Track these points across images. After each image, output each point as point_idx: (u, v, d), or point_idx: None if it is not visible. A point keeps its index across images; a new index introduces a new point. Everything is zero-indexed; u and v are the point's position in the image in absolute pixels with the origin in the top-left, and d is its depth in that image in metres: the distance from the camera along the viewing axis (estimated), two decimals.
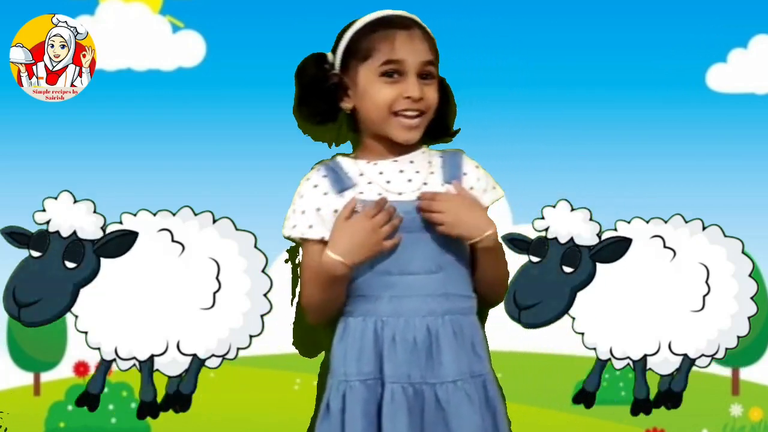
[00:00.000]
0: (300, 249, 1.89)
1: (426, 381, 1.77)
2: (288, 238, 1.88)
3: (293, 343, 1.99)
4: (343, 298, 1.83)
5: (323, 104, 1.87)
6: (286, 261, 2.01)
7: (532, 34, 2.10)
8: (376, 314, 1.80)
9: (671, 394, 1.84)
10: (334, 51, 1.90)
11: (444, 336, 1.81)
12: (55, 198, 1.61)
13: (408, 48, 1.84)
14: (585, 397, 1.80)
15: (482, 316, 1.96)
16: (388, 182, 1.85)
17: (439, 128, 1.96)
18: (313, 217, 1.83)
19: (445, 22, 2.11)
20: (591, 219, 1.68)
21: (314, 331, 2.00)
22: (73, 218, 1.62)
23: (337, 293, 1.83)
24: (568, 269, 1.67)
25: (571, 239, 1.66)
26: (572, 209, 1.67)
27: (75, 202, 1.62)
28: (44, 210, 1.61)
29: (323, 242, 1.83)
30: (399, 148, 1.92)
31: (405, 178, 1.85)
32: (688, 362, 1.81)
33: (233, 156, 2.08)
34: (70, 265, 1.60)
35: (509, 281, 1.75)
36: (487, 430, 1.80)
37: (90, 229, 1.61)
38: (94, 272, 1.63)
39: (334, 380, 1.83)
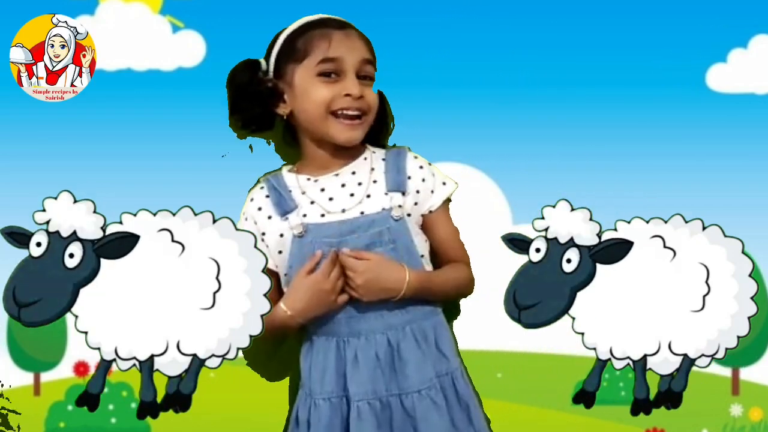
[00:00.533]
0: None
1: (391, 393, 1.79)
2: None
3: (253, 367, 1.98)
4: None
5: (257, 109, 1.86)
6: None
7: (532, 33, 2.10)
8: (336, 334, 1.81)
9: (671, 394, 1.84)
10: (267, 57, 1.88)
11: (406, 347, 1.81)
12: (55, 198, 1.60)
13: (345, 46, 1.83)
14: (585, 397, 1.80)
15: (455, 310, 1.94)
16: (331, 199, 1.84)
17: (372, 141, 1.92)
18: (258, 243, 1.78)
19: (445, 22, 2.12)
20: (591, 219, 1.67)
21: (273, 355, 1.98)
22: (73, 218, 1.61)
23: (282, 336, 1.85)
24: (568, 269, 1.66)
25: (571, 239, 1.66)
26: (572, 209, 1.67)
27: (75, 202, 1.61)
28: (44, 210, 1.60)
29: (270, 271, 1.80)
30: (341, 155, 1.89)
31: (347, 192, 1.85)
32: (688, 362, 1.80)
33: (233, 156, 2.08)
34: (70, 264, 1.60)
35: (510, 280, 1.74)
36: (461, 430, 1.81)
37: (90, 229, 1.61)
38: (94, 272, 1.62)
39: (302, 392, 1.85)
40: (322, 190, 1.85)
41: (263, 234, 1.84)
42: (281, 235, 1.83)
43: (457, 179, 1.91)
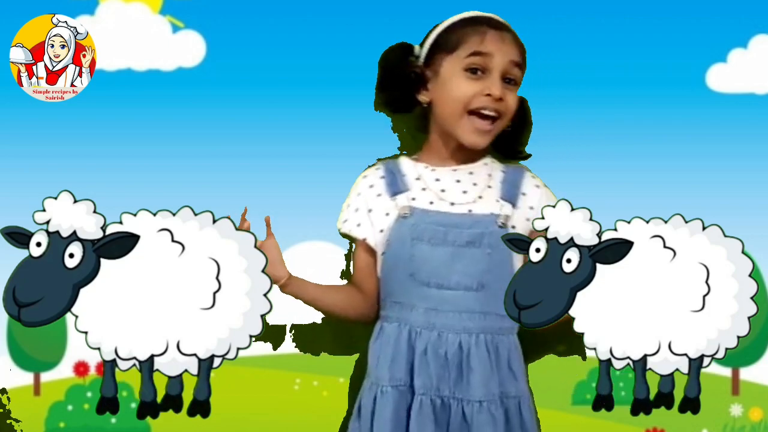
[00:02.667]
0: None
1: (454, 396, 1.80)
2: (339, 231, 1.94)
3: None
4: (337, 308, 1.92)
5: (400, 93, 1.90)
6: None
7: (531, 33, 2.10)
8: (410, 323, 1.83)
9: (689, 402, 1.84)
10: (422, 44, 1.92)
11: (475, 355, 1.81)
12: (55, 198, 1.60)
13: (497, 44, 1.85)
14: (603, 401, 1.80)
15: None
16: (443, 191, 1.88)
17: (510, 146, 1.95)
18: (363, 216, 1.89)
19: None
20: (591, 219, 1.67)
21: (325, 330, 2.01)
22: (73, 218, 1.61)
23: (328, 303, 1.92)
24: (568, 269, 1.66)
25: (571, 239, 1.66)
26: (572, 209, 1.67)
27: (75, 202, 1.61)
28: (44, 210, 1.60)
29: (366, 244, 1.89)
30: (463, 155, 1.92)
31: (460, 189, 1.88)
32: (696, 365, 1.80)
33: (233, 156, 2.08)
34: (70, 264, 1.60)
35: (510, 280, 1.74)
36: None
37: (90, 229, 1.61)
38: (94, 272, 1.62)
39: (368, 381, 1.87)
40: (437, 180, 1.89)
41: (370, 210, 1.89)
42: (387, 214, 1.87)
43: None
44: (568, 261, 1.68)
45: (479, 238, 1.83)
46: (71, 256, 1.62)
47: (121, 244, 1.64)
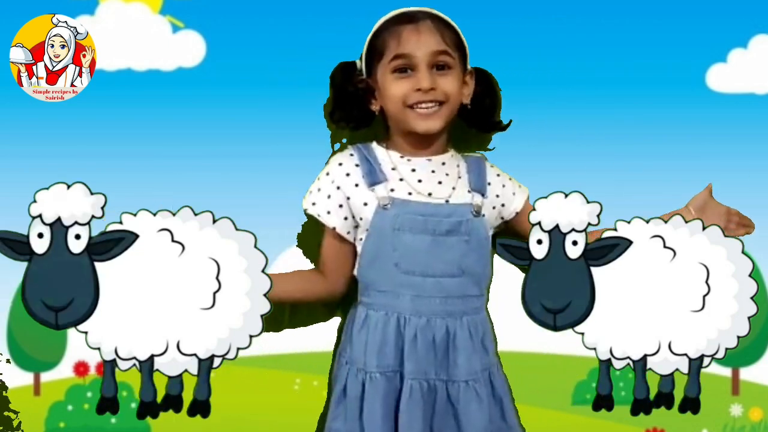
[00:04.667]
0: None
1: (440, 377, 1.86)
2: (305, 210, 1.94)
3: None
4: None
5: (354, 110, 1.97)
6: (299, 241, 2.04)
7: (531, 33, 2.10)
8: (398, 310, 1.88)
9: (689, 401, 1.84)
10: (361, 57, 1.98)
11: (461, 337, 1.88)
12: (47, 189, 1.60)
13: (414, 41, 1.89)
14: (603, 401, 1.80)
15: None
16: (420, 181, 1.92)
17: (481, 119, 2.00)
18: (334, 205, 1.91)
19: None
20: (588, 202, 1.68)
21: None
22: (71, 203, 1.61)
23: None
24: (575, 254, 1.66)
25: (571, 226, 1.66)
26: (566, 196, 1.68)
27: (69, 188, 1.61)
28: (35, 201, 1.60)
29: (335, 232, 1.92)
30: (430, 146, 1.96)
31: (436, 179, 1.93)
32: (696, 365, 1.80)
33: (233, 156, 2.08)
34: (78, 248, 1.58)
35: (525, 289, 1.78)
36: (495, 424, 1.88)
37: (89, 209, 1.60)
38: (103, 241, 1.61)
39: (352, 368, 1.91)
40: (413, 170, 1.94)
41: (348, 198, 1.92)
42: (365, 204, 1.91)
43: None
44: (574, 243, 1.70)
45: (457, 226, 1.89)
46: (77, 237, 1.61)
47: (118, 243, 1.64)
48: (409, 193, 1.92)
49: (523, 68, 2.08)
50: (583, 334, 1.76)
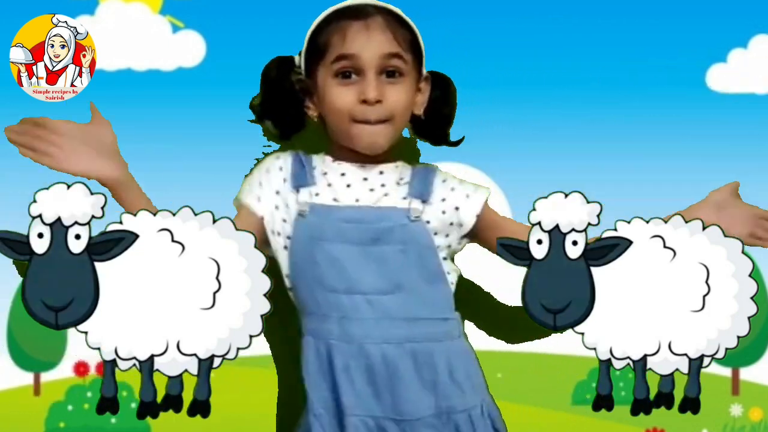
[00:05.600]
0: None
1: (388, 416, 1.62)
2: (236, 201, 1.75)
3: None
4: None
5: (287, 112, 1.73)
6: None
7: (531, 33, 2.10)
8: (325, 336, 1.65)
9: (689, 401, 1.84)
10: (300, 53, 1.75)
11: (404, 367, 1.63)
12: (47, 188, 1.60)
13: (362, 40, 1.65)
14: (603, 400, 1.79)
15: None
16: (348, 186, 1.71)
17: (434, 131, 1.78)
18: (267, 194, 1.71)
19: (444, 21, 2.11)
20: (587, 201, 1.67)
21: None
22: (71, 203, 1.61)
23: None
24: (575, 253, 1.65)
25: (571, 226, 1.66)
26: (566, 196, 1.67)
27: (69, 188, 1.61)
28: (36, 201, 1.60)
29: (259, 222, 1.70)
30: (370, 156, 1.73)
31: (367, 186, 1.72)
32: (696, 365, 1.80)
33: (233, 156, 2.08)
34: (78, 248, 1.58)
35: (526, 289, 1.68)
36: None
37: (89, 209, 1.60)
38: (103, 242, 1.61)
39: (307, 409, 1.69)
40: (343, 174, 1.73)
41: (277, 192, 1.73)
42: (287, 206, 1.72)
43: None
44: (574, 243, 1.66)
45: (388, 233, 1.66)
46: (77, 237, 1.61)
47: (118, 243, 1.64)
48: (334, 199, 1.70)
49: (523, 68, 2.08)
50: (583, 334, 1.76)
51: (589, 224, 1.72)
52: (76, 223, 1.61)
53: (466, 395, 1.70)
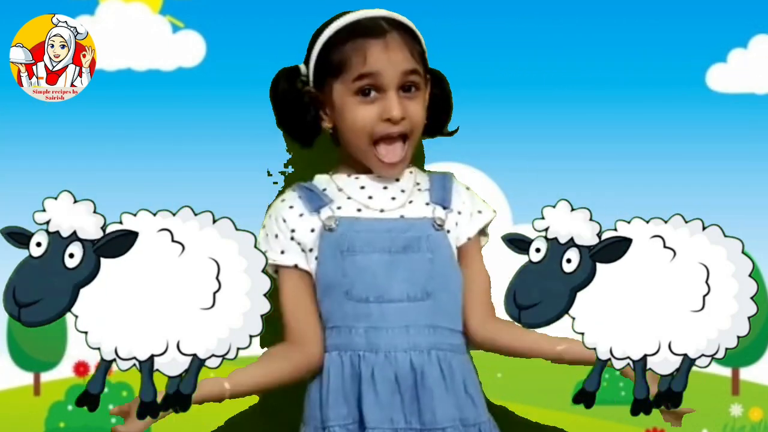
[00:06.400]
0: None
1: (411, 426, 1.62)
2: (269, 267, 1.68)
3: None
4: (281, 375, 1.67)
5: (301, 125, 1.74)
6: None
7: (531, 33, 2.10)
8: (351, 348, 1.64)
9: (671, 394, 1.83)
10: (306, 62, 1.76)
11: (431, 375, 1.63)
12: (55, 198, 1.60)
13: (383, 59, 1.67)
14: (585, 396, 1.79)
15: None
16: (370, 198, 1.72)
17: (435, 127, 1.81)
18: (285, 241, 1.72)
19: (444, 21, 2.11)
20: (591, 219, 1.67)
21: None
22: (73, 218, 1.61)
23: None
24: (568, 269, 1.66)
25: (571, 239, 1.66)
26: (572, 209, 1.67)
27: (75, 202, 1.61)
28: (44, 210, 1.61)
29: (298, 269, 1.69)
30: None
31: (388, 195, 1.73)
32: (688, 362, 1.80)
33: (233, 156, 2.08)
34: (70, 265, 1.60)
35: (510, 280, 1.69)
36: None
37: (90, 229, 1.61)
38: (94, 272, 1.62)
39: (308, 427, 1.68)
40: (362, 187, 1.74)
41: (293, 231, 1.73)
42: (312, 230, 1.72)
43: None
44: (568, 261, 1.67)
45: (416, 242, 1.69)
46: (71, 256, 1.62)
47: (119, 242, 1.64)
48: (358, 210, 1.72)
49: (523, 68, 2.09)
50: (583, 334, 1.76)
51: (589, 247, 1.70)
52: (75, 235, 1.61)
53: (478, 409, 1.71)
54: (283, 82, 1.77)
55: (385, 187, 1.76)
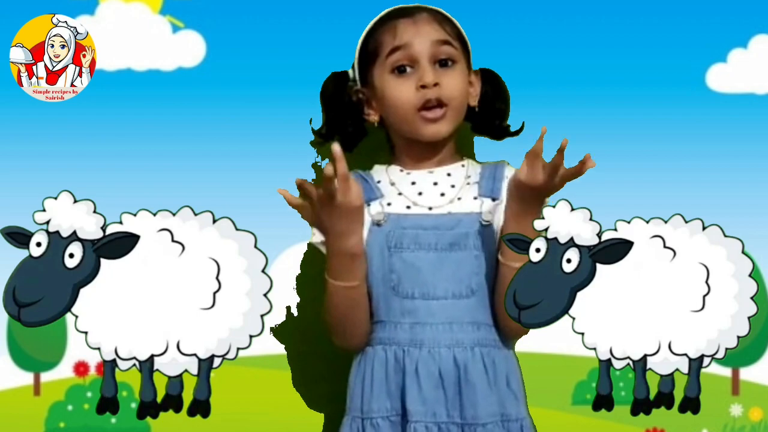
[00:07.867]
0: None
1: (453, 420, 1.64)
2: (315, 244, 1.79)
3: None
4: (360, 312, 1.70)
5: (349, 124, 1.80)
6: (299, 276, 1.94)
7: (531, 33, 2.10)
8: (396, 343, 1.67)
9: (689, 402, 1.83)
10: (353, 66, 1.83)
11: (474, 371, 1.66)
12: (55, 198, 1.60)
13: (411, 32, 1.73)
14: (603, 400, 1.79)
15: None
16: (420, 194, 1.76)
17: (492, 125, 1.84)
18: None
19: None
20: (591, 219, 1.67)
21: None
22: (73, 218, 1.61)
23: (346, 303, 1.68)
24: (568, 269, 1.66)
25: (571, 239, 1.66)
26: (572, 209, 1.67)
27: (75, 202, 1.61)
28: (44, 210, 1.61)
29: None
30: (435, 156, 1.79)
31: (438, 191, 1.76)
32: (696, 365, 1.80)
33: (233, 156, 2.08)
34: (70, 265, 1.60)
35: (510, 280, 1.68)
36: None
37: (90, 229, 1.61)
38: (94, 272, 1.62)
39: (347, 417, 1.71)
40: (413, 183, 1.77)
41: None
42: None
43: None
44: (568, 261, 1.67)
45: (464, 239, 1.72)
46: (71, 256, 1.62)
47: (120, 244, 1.64)
48: (407, 207, 1.75)
49: (523, 68, 2.08)
50: (583, 334, 1.76)
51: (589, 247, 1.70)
52: (75, 235, 1.61)
53: (520, 404, 1.73)
54: (331, 87, 1.84)
55: (435, 183, 1.78)
